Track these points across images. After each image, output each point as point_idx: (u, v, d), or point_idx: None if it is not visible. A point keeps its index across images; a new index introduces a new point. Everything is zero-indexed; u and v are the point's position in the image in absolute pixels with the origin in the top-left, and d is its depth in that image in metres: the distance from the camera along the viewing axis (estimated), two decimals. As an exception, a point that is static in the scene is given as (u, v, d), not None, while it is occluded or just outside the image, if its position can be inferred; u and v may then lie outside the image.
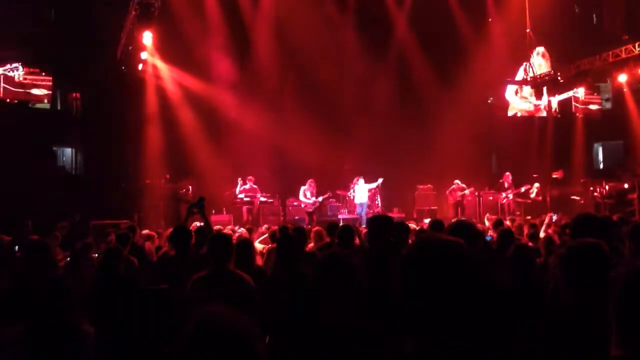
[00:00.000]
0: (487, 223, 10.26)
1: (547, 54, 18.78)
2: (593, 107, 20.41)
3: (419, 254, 1.50)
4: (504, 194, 16.15)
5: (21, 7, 14.58)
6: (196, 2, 15.48)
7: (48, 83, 15.22)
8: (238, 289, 4.05)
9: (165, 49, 15.01)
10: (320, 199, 15.20)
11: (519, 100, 19.91)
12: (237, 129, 15.85)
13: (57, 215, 12.04)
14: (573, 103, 19.79)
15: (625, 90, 19.08)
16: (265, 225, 10.21)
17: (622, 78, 17.49)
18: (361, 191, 15.35)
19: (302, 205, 15.25)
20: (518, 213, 15.31)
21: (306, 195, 15.09)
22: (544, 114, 20.02)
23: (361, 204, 15.25)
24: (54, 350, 2.80)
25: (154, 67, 15.24)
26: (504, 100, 19.90)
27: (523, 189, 16.06)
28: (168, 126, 15.12)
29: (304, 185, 15.07)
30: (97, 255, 6.58)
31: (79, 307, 3.11)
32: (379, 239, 4.32)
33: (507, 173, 16.48)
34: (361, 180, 15.37)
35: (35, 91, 15.04)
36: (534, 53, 18.07)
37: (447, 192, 16.31)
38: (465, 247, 1.53)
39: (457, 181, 16.13)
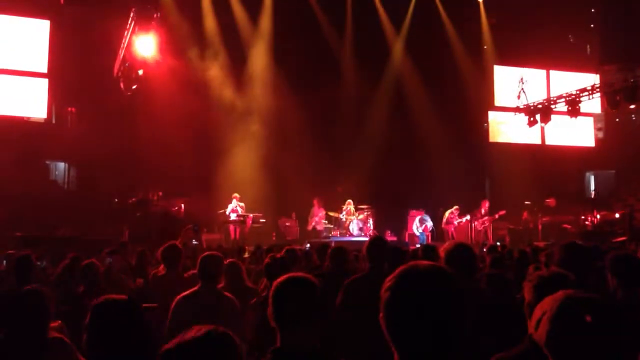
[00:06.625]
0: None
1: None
2: (585, 136, 20.58)
3: (404, 286, 1.38)
4: (481, 221, 16.05)
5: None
6: (195, 22, 15.67)
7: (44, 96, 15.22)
8: (223, 308, 4.03)
9: (160, 66, 15.06)
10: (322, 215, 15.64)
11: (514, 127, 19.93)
12: (232, 148, 15.86)
13: (48, 229, 11.97)
14: (566, 131, 19.91)
15: (617, 120, 19.26)
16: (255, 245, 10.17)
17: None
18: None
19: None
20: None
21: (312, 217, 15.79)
22: (538, 141, 20.10)
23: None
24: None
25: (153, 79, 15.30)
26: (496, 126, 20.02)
27: (497, 216, 15.96)
28: (162, 144, 15.05)
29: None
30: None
31: (53, 319, 3.08)
32: (377, 262, 4.33)
33: (485, 200, 16.45)
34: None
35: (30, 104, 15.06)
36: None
37: (446, 219, 16.03)
38: (455, 276, 1.41)
39: (456, 207, 16.06)
